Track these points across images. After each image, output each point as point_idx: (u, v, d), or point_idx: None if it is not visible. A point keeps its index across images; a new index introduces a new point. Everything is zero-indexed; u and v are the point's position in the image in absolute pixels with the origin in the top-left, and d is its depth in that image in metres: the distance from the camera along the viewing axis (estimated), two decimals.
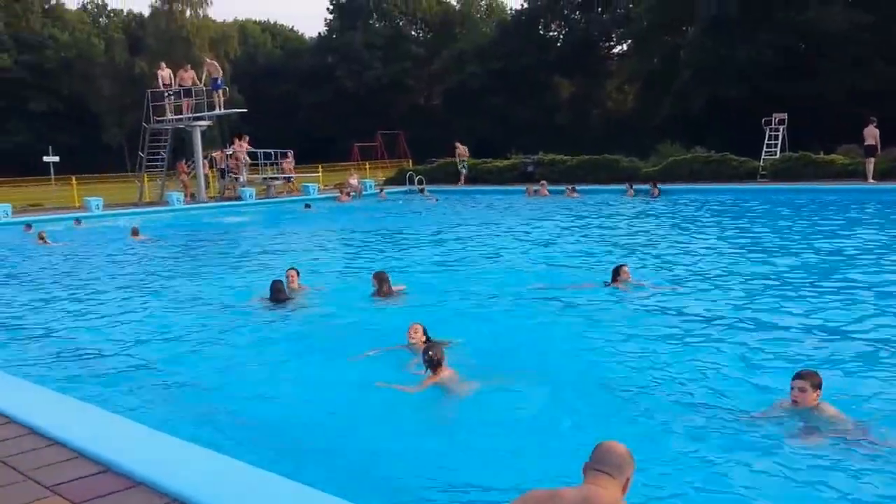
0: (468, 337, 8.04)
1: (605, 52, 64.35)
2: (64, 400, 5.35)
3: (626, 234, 16.58)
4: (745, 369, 6.77)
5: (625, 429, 5.41)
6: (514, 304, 9.88)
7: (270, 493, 3.66)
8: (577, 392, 6.37)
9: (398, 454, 5.30)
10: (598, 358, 7.37)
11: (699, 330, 8.23)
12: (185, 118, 29.60)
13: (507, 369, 7.02)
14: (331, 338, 8.55)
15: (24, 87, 68.85)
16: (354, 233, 20.13)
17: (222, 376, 7.32)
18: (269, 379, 7.14)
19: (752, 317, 8.62)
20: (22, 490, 3.87)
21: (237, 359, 7.87)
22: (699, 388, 6.35)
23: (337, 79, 67.76)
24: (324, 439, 5.60)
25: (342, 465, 5.13)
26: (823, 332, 7.91)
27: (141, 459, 4.08)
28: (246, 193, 29.81)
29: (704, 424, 5.59)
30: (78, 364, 7.86)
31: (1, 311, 10.90)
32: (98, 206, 27.02)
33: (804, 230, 15.71)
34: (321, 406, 6.30)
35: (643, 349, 7.55)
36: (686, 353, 7.41)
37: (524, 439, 5.42)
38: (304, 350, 8.15)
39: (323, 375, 7.17)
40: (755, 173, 26.66)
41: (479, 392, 6.32)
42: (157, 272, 14.05)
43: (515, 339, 8.20)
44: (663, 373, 6.77)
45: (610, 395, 6.28)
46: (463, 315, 9.37)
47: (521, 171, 31.94)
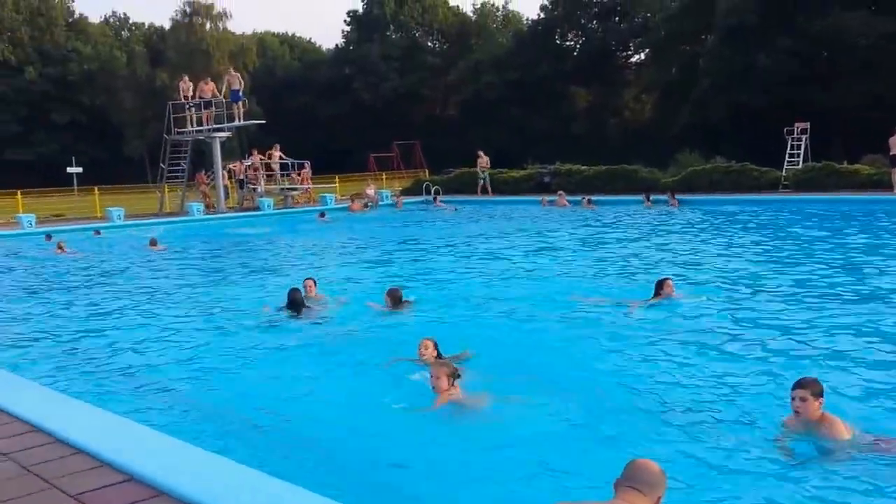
0: (496, 351, 7.96)
1: (622, 62, 64.27)
2: (89, 409, 5.37)
3: (652, 245, 16.31)
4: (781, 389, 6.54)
5: (659, 446, 5.31)
6: (548, 317, 9.62)
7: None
8: (610, 409, 6.23)
9: (418, 470, 5.28)
10: (638, 373, 7.16)
11: (742, 345, 7.94)
12: (205, 129, 29.83)
13: (538, 383, 6.90)
14: (351, 348, 8.55)
15: (48, 99, 69.80)
16: (370, 242, 20.17)
17: (244, 387, 7.33)
18: (291, 391, 7.13)
19: (803, 333, 8.32)
20: (47, 498, 3.88)
21: (259, 370, 7.89)
22: (737, 407, 6.13)
23: (354, 90, 68.14)
24: (348, 453, 5.58)
25: (370, 480, 5.13)
26: (869, 348, 7.63)
27: (164, 469, 4.08)
28: (264, 204, 29.94)
29: (733, 447, 5.39)
30: (101, 374, 7.90)
31: (24, 320, 10.98)
32: (119, 217, 27.20)
33: (837, 241, 15.39)
34: (343, 420, 6.27)
35: (680, 364, 7.35)
36: (725, 368, 7.15)
37: (547, 454, 5.37)
38: (326, 361, 8.15)
39: (346, 388, 7.16)
40: (777, 183, 26.37)
41: (495, 408, 6.22)
42: (176, 282, 14.16)
43: (553, 354, 8.02)
44: (710, 391, 6.57)
45: (643, 412, 6.14)
46: (488, 328, 9.29)
47: (537, 182, 31.83)
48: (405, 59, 69.53)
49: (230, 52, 68.45)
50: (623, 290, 11.13)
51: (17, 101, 68.92)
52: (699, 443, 5.46)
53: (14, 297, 13.17)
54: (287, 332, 9.47)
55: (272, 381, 7.48)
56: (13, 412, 5.22)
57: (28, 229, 24.77)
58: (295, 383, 7.36)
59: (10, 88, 68.65)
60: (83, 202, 34.42)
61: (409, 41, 71.72)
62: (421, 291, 11.49)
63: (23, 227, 25.19)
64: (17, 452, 4.51)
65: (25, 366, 8.11)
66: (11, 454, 4.49)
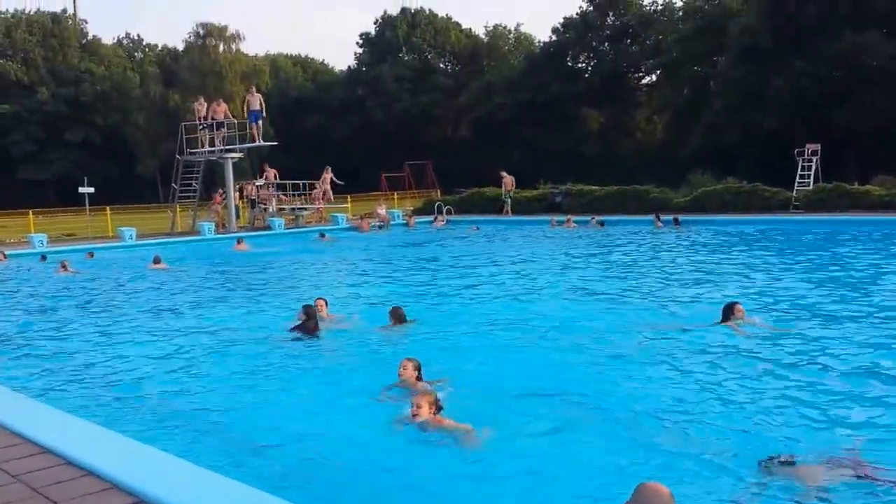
0: (526, 377, 7.84)
1: (634, 83, 64.38)
2: (98, 431, 5.35)
3: (677, 266, 16.16)
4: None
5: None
6: (595, 345, 9.22)
7: None
8: (649, 445, 5.92)
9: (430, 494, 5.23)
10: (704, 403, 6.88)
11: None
12: (217, 150, 30.04)
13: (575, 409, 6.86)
14: (359, 370, 8.51)
15: (61, 119, 70.37)
16: (379, 262, 20.22)
17: (253, 409, 7.29)
18: (299, 413, 7.11)
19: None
20: None
21: (269, 392, 7.86)
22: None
23: (366, 111, 68.47)
24: (354, 477, 5.53)
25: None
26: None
27: (173, 491, 4.05)
28: (275, 223, 30.06)
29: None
30: (110, 396, 7.87)
31: (30, 341, 10.96)
32: (131, 237, 27.32)
33: (869, 263, 15.27)
34: (351, 443, 6.23)
35: (749, 392, 7.12)
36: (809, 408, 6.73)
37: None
38: (335, 382, 8.12)
39: (354, 409, 7.11)
40: (788, 204, 26.36)
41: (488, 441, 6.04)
42: (183, 301, 14.17)
43: (603, 382, 7.71)
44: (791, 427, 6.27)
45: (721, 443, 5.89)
46: (511, 351, 9.21)
47: (549, 202, 31.88)
48: (417, 81, 69.90)
49: (243, 74, 68.87)
50: (655, 313, 10.92)
51: (31, 120, 69.53)
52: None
53: (20, 316, 13.19)
54: (298, 352, 9.43)
55: (281, 402, 7.47)
56: (23, 434, 5.20)
57: (39, 249, 24.91)
58: (306, 405, 7.34)
59: (24, 108, 69.27)
60: (95, 221, 34.60)
61: (422, 63, 72.13)
62: (425, 311, 11.48)
63: (34, 246, 25.33)
64: (26, 474, 4.49)
65: (34, 387, 8.08)
66: (21, 476, 4.46)
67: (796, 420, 6.35)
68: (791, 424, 6.22)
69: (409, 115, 68.26)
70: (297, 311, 10.48)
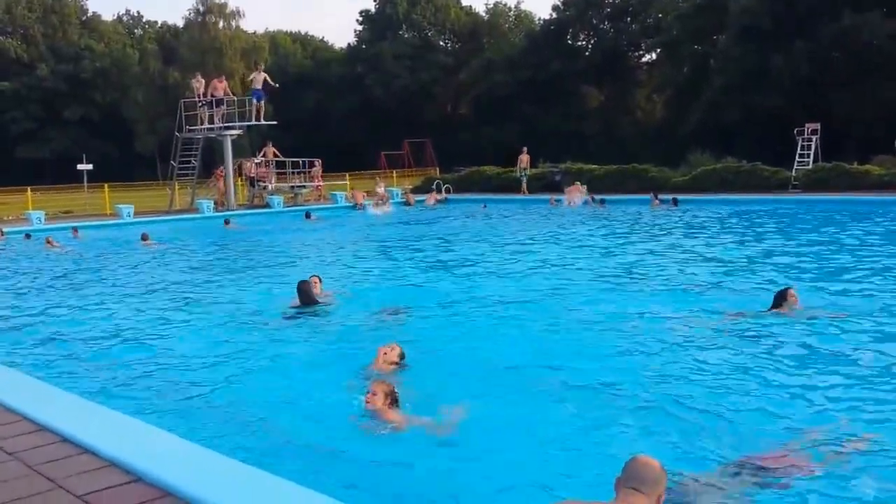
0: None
1: (634, 62, 64.10)
2: (95, 408, 5.37)
3: (684, 248, 15.78)
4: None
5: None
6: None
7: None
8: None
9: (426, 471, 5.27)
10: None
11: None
12: (216, 127, 29.92)
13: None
14: (352, 345, 8.55)
15: (60, 96, 70.12)
16: (372, 240, 20.28)
17: (248, 386, 7.33)
18: (292, 390, 7.12)
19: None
20: (53, 498, 3.87)
21: (262, 369, 7.89)
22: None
23: (366, 88, 68.15)
24: (350, 451, 5.57)
25: (363, 477, 5.12)
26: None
27: (172, 469, 4.07)
28: (274, 201, 30.02)
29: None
30: (107, 373, 7.89)
31: (26, 318, 10.99)
32: (129, 214, 27.30)
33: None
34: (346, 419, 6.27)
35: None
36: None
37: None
38: (328, 358, 8.18)
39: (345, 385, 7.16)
40: (787, 184, 26.34)
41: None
42: (174, 278, 14.25)
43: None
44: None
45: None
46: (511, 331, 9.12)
47: (548, 181, 31.83)
48: (417, 58, 69.52)
49: (242, 51, 68.58)
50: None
51: (30, 98, 69.29)
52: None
53: (13, 294, 13.23)
54: (291, 330, 9.51)
55: (274, 379, 7.49)
56: (19, 411, 5.21)
57: (38, 226, 24.91)
58: (297, 383, 7.35)
59: (23, 86, 69.02)
60: (94, 199, 34.56)
61: (422, 40, 71.72)
62: (419, 291, 11.58)
63: (32, 223, 25.33)
64: (23, 452, 4.50)
65: (30, 365, 8.10)
66: (17, 453, 4.48)
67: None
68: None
69: (409, 93, 67.96)
70: (287, 288, 10.53)
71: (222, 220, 25.19)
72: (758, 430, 5.66)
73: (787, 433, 5.58)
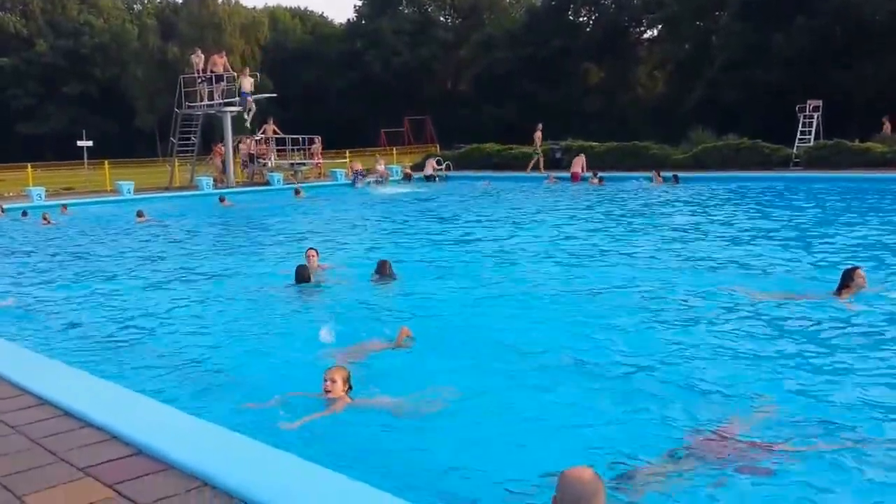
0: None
1: (635, 38, 63.64)
2: (97, 382, 5.41)
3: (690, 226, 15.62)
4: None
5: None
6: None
7: (301, 478, 3.69)
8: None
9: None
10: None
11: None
12: (215, 104, 29.79)
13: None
14: (346, 318, 8.64)
15: (59, 71, 69.78)
16: (370, 217, 20.30)
17: (248, 359, 7.42)
18: (291, 363, 7.19)
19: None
20: (55, 471, 3.91)
21: (260, 341, 8.00)
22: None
23: (365, 64, 67.77)
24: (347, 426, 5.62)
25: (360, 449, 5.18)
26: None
27: (173, 442, 4.12)
28: (274, 178, 29.97)
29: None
30: (108, 347, 7.96)
31: (26, 294, 11.04)
32: (129, 191, 27.28)
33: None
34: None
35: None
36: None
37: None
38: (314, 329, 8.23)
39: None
40: (788, 161, 26.29)
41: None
42: (166, 254, 14.44)
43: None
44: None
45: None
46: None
47: (549, 158, 31.74)
48: (417, 34, 69.08)
49: (242, 26, 68.16)
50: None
51: (29, 74, 68.98)
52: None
53: (13, 269, 13.30)
54: (289, 305, 9.64)
55: (272, 353, 7.57)
56: (22, 385, 5.26)
57: (38, 202, 24.91)
58: (302, 355, 7.41)
59: (22, 61, 68.70)
60: (94, 176, 34.51)
61: (422, 16, 71.25)
62: (412, 266, 11.66)
63: (32, 200, 25.33)
64: (25, 426, 4.55)
65: (32, 340, 8.17)
66: (20, 427, 4.52)
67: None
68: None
69: (409, 69, 67.57)
70: (283, 263, 10.59)
71: (229, 196, 25.23)
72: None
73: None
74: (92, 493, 3.64)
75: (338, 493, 3.50)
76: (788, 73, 40.39)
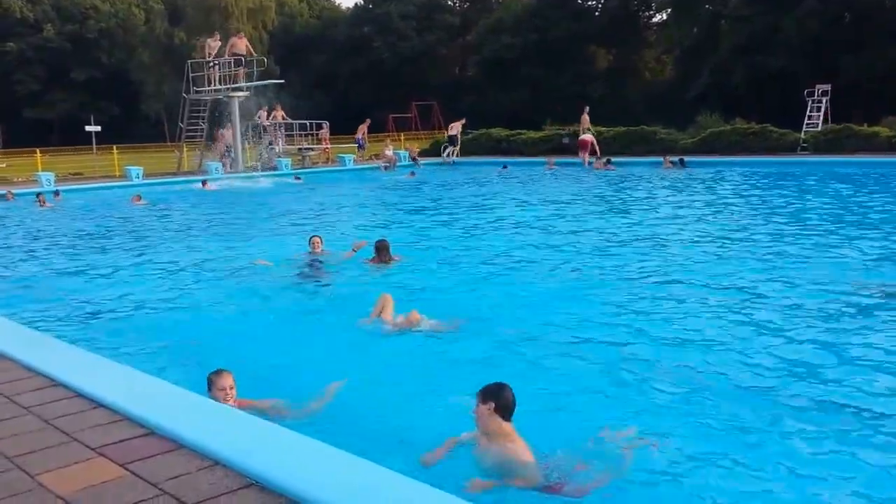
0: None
1: (643, 22, 63.33)
2: (109, 364, 5.44)
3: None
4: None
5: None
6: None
7: (311, 456, 3.72)
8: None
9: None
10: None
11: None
12: (223, 89, 29.73)
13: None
14: (340, 303, 8.81)
15: (66, 56, 69.82)
16: (379, 202, 20.36)
17: (257, 342, 7.48)
18: (306, 349, 7.25)
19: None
20: (67, 451, 3.94)
21: (270, 326, 8.08)
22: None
23: (372, 50, 67.61)
24: (350, 404, 5.68)
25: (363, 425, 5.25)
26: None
27: (185, 422, 4.15)
28: (282, 164, 29.96)
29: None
30: (120, 329, 8.02)
31: (32, 277, 11.13)
32: (138, 176, 27.32)
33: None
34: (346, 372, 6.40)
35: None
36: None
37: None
38: (328, 313, 8.42)
39: (341, 340, 7.36)
40: (796, 145, 26.20)
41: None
42: (175, 238, 14.52)
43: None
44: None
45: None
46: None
47: (556, 143, 31.66)
48: (424, 19, 68.88)
49: (249, 10, 67.95)
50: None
51: (36, 59, 69.02)
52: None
53: (19, 253, 13.37)
54: (294, 288, 9.75)
55: (286, 336, 7.67)
56: (33, 367, 5.29)
57: (47, 187, 24.95)
58: (307, 338, 7.55)
59: (29, 46, 68.70)
60: (102, 161, 34.57)
61: (429, 1, 70.98)
62: (415, 251, 11.81)
63: (42, 185, 25.38)
64: (37, 406, 4.57)
65: (44, 321, 8.24)
66: (32, 408, 4.55)
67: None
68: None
69: (416, 54, 67.42)
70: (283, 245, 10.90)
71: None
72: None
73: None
74: (105, 473, 3.66)
75: (350, 473, 3.52)
76: (797, 57, 40.16)
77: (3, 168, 36.30)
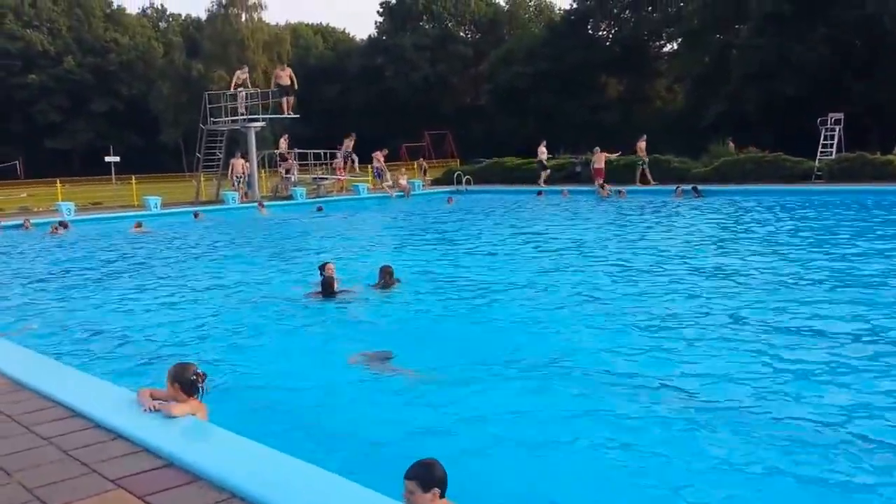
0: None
1: (654, 51, 63.61)
2: (129, 395, 5.50)
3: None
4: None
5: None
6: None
7: (325, 491, 3.77)
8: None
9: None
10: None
11: None
12: (240, 119, 30.11)
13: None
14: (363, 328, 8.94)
15: (87, 87, 70.85)
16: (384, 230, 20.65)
17: (273, 371, 7.56)
18: (316, 377, 7.32)
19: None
20: (87, 483, 3.99)
21: (288, 354, 8.18)
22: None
23: (386, 80, 68.18)
24: (371, 436, 5.73)
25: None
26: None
27: (203, 454, 4.23)
28: (297, 193, 30.16)
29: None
30: (140, 360, 8.09)
31: (44, 307, 11.19)
32: (156, 205, 27.57)
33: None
34: (364, 401, 6.54)
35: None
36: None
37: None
38: (337, 342, 8.47)
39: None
40: (810, 174, 26.11)
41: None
42: (192, 267, 14.65)
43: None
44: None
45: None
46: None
47: (568, 172, 31.73)
48: (437, 49, 69.47)
49: (265, 43, 68.83)
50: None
51: (57, 90, 70.01)
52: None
53: (38, 283, 13.44)
54: (302, 316, 9.90)
55: (302, 364, 7.77)
56: (54, 397, 5.38)
57: (68, 217, 25.21)
58: (325, 366, 7.61)
59: (50, 78, 69.75)
60: (121, 191, 34.92)
61: (442, 31, 71.63)
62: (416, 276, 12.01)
63: (62, 214, 25.64)
64: (57, 437, 4.65)
65: (65, 351, 8.32)
66: (52, 439, 4.63)
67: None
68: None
69: (429, 84, 67.97)
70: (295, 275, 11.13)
71: (255, 208, 26.24)
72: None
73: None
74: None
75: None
76: (809, 85, 40.17)
77: (23, 198, 36.77)
